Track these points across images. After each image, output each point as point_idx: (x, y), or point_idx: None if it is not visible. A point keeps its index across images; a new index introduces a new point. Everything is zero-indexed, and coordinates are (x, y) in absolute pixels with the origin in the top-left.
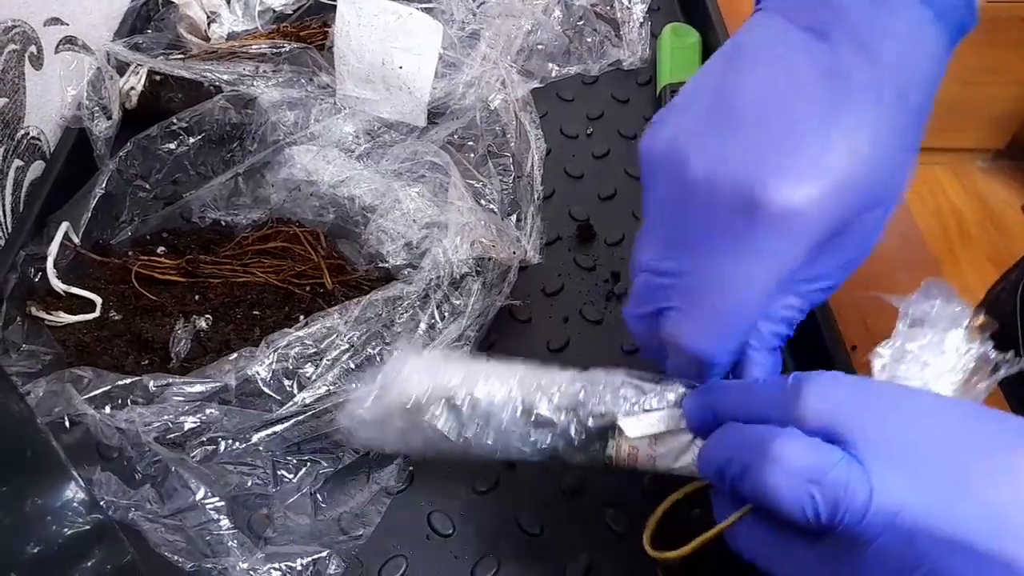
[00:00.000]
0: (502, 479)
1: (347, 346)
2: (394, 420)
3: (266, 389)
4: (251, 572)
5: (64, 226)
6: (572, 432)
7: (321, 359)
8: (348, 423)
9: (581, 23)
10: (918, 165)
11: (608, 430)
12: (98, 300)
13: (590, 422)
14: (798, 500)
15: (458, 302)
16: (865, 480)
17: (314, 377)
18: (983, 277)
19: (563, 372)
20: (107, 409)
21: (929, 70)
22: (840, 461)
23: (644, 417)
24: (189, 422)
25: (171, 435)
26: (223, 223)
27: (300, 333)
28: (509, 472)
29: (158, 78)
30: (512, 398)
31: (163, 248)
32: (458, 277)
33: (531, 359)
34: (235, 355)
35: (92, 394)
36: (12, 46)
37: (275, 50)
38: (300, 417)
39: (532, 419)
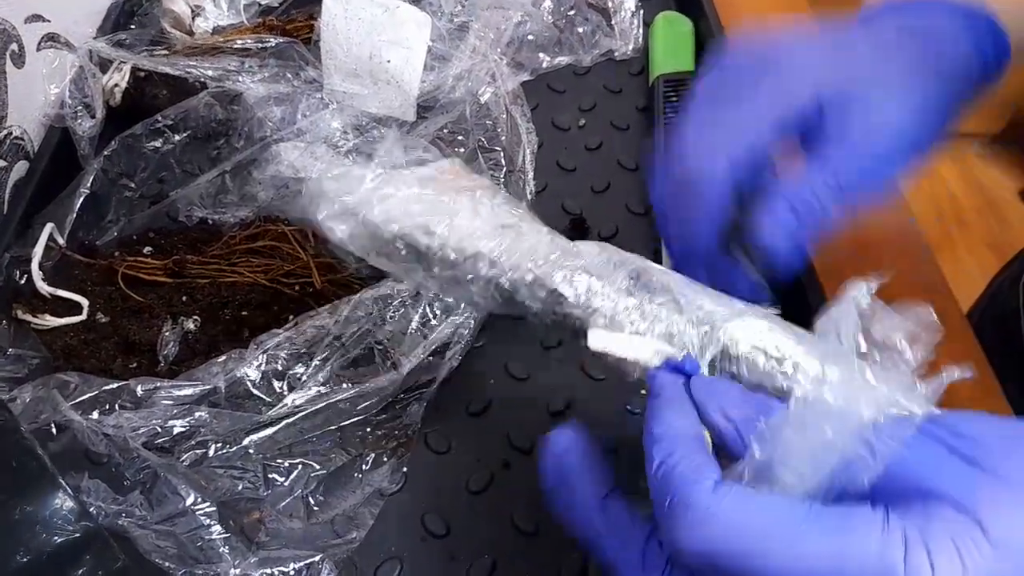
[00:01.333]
0: (496, 478)
1: (337, 346)
2: (368, 232)
3: (256, 391)
4: None
5: (49, 227)
6: (545, 316)
7: (312, 359)
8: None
9: (572, 13)
10: None
11: (581, 328)
12: (84, 302)
13: (565, 318)
14: None
15: (450, 299)
16: None
17: (305, 378)
18: (981, 264)
19: (555, 240)
20: (94, 414)
21: None
22: None
23: (616, 336)
24: (178, 426)
25: (160, 440)
26: (210, 222)
27: (290, 333)
28: (504, 471)
29: (142, 74)
30: (494, 254)
31: (150, 248)
32: None
33: (525, 356)
34: (224, 357)
35: (79, 399)
36: None
37: (261, 44)
38: (291, 419)
39: (503, 291)
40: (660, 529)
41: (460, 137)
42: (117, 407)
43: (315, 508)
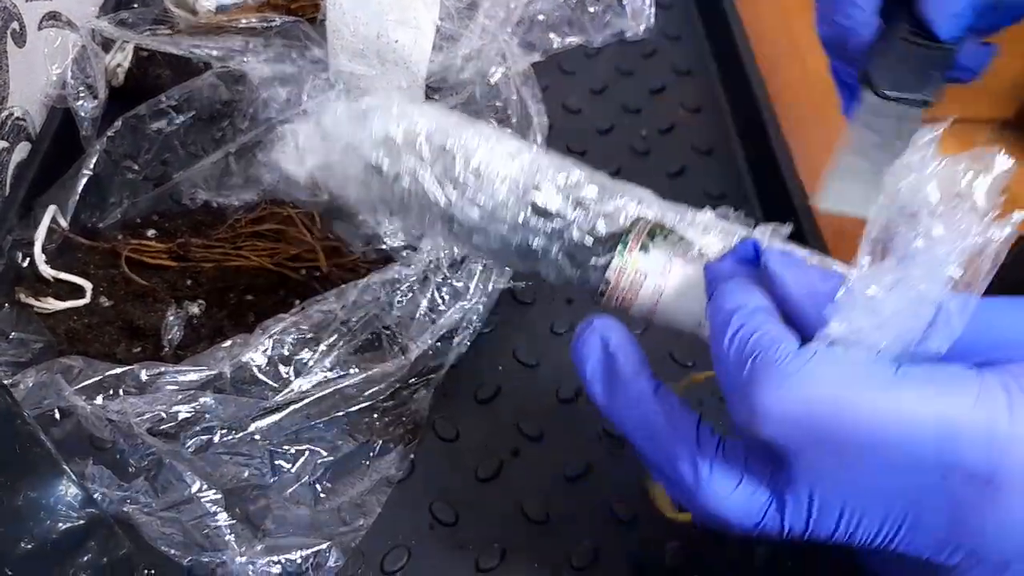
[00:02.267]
0: (505, 466)
1: (344, 331)
2: (363, 155)
3: (262, 376)
4: (250, 565)
5: (51, 209)
6: (574, 232)
7: (318, 345)
8: (307, 138)
9: None
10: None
11: (619, 240)
12: (88, 286)
13: (600, 224)
14: None
15: (459, 284)
16: None
17: (311, 363)
18: None
19: (582, 167)
20: (98, 400)
21: None
22: None
23: (663, 257)
24: (183, 412)
25: (164, 425)
26: (215, 205)
27: (296, 318)
28: (513, 459)
29: (145, 54)
30: (514, 168)
31: (153, 231)
32: (458, 258)
33: (534, 342)
34: (229, 342)
35: (82, 384)
36: None
37: (265, 24)
38: (297, 405)
39: (532, 203)
40: (733, 399)
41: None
42: (121, 392)
43: (322, 495)
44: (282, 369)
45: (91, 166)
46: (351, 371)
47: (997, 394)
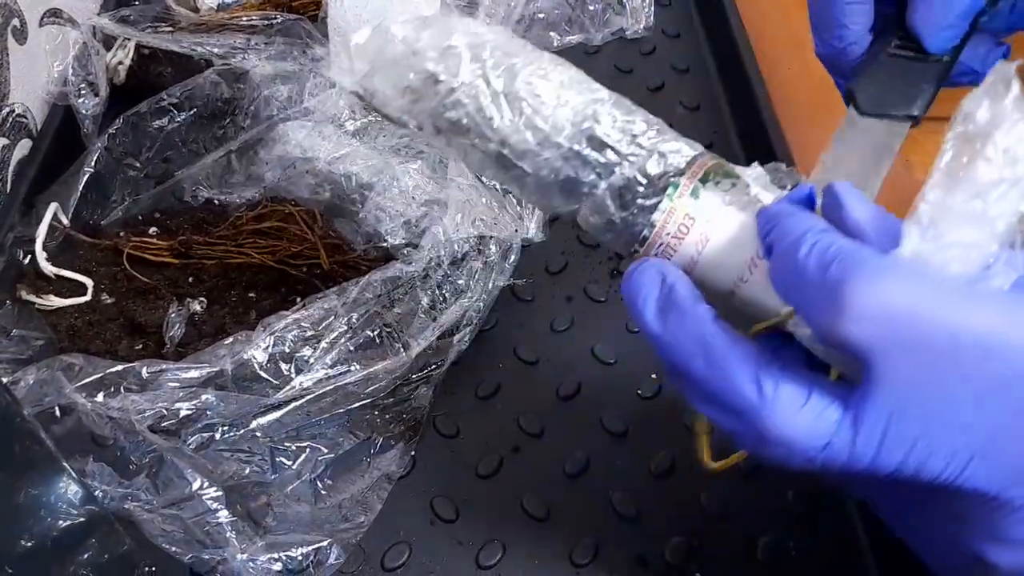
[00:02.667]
0: (506, 463)
1: (345, 328)
2: (422, 62)
3: (263, 373)
4: (251, 562)
5: (53, 207)
6: (626, 168)
7: (319, 342)
8: (366, 42)
9: None
10: (921, 134)
11: (670, 182)
12: (89, 283)
13: (653, 162)
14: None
15: (460, 282)
16: None
17: (312, 360)
18: None
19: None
20: (99, 397)
21: None
22: None
23: (716, 201)
24: (184, 409)
25: (166, 423)
26: (216, 202)
27: (297, 315)
28: (513, 455)
29: (146, 52)
30: (575, 96)
31: (155, 228)
32: (459, 256)
33: (535, 340)
34: (231, 339)
35: (83, 382)
36: None
37: (267, 21)
38: (299, 402)
39: (589, 133)
40: (816, 304)
41: None
42: (122, 389)
43: (323, 492)
44: (283, 366)
45: (92, 163)
46: (352, 368)
47: None
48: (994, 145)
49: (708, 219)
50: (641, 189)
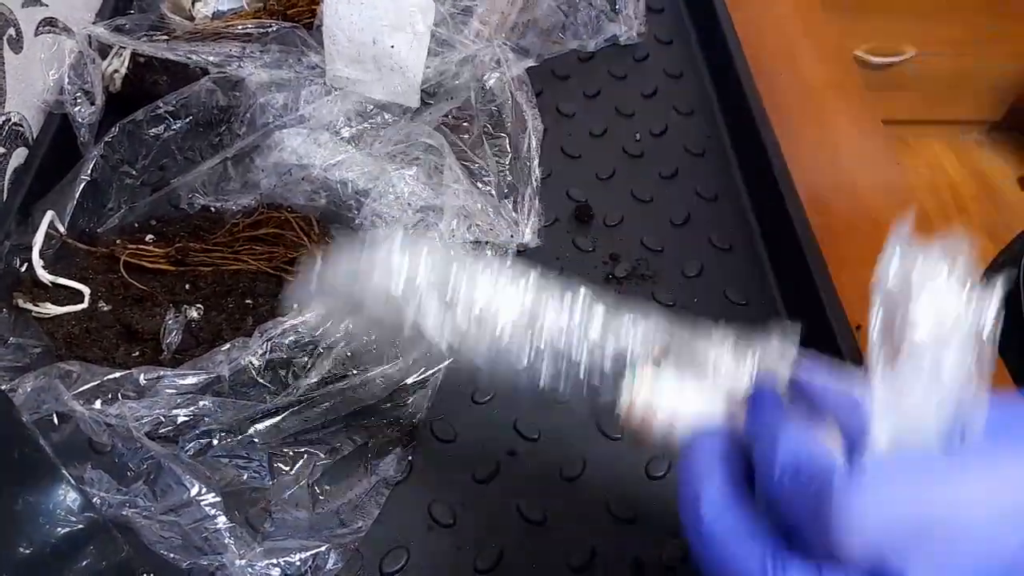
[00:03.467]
0: (503, 467)
1: (342, 333)
2: (369, 302)
3: (260, 379)
4: (249, 568)
5: (49, 215)
6: (580, 371)
7: (316, 347)
8: (314, 289)
9: None
10: (913, 138)
11: (624, 374)
12: (86, 290)
13: (606, 363)
14: None
15: None
16: None
17: (309, 366)
18: (981, 251)
19: (582, 293)
20: (97, 404)
21: None
22: None
23: (674, 382)
24: (182, 415)
25: (163, 429)
26: (212, 209)
27: (294, 322)
28: (510, 459)
29: (142, 60)
30: (515, 313)
31: (151, 236)
32: None
33: None
34: (228, 345)
35: (81, 389)
36: None
37: (262, 30)
38: (296, 407)
39: (534, 344)
40: (811, 535)
41: (465, 123)
42: (120, 396)
43: (321, 497)
44: (280, 372)
45: (89, 171)
46: (349, 374)
47: None
48: (912, 316)
49: (668, 408)
50: (598, 388)
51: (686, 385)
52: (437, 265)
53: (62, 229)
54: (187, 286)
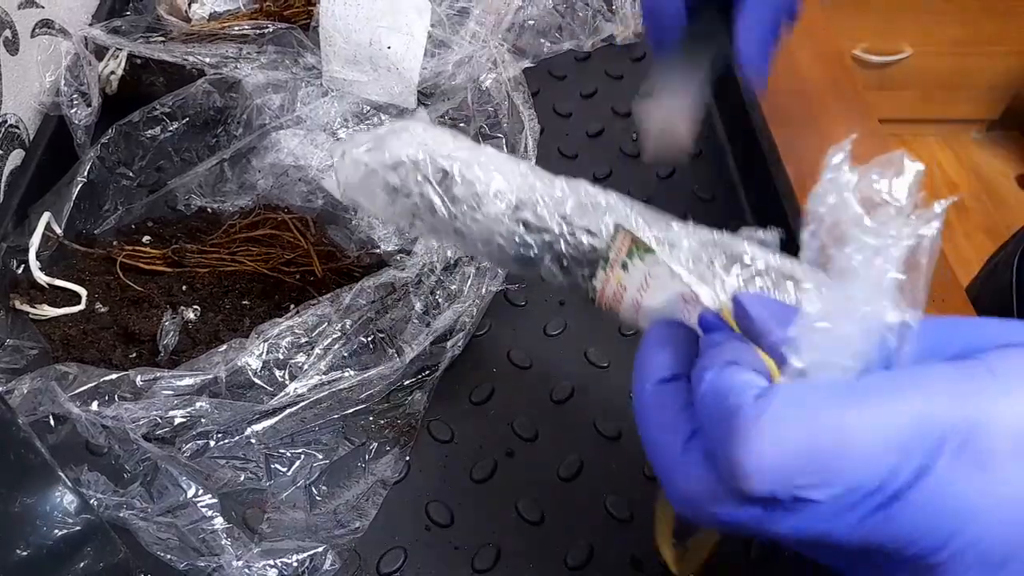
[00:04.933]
0: (500, 467)
1: (339, 334)
2: (382, 177)
3: (257, 380)
4: (246, 569)
5: (46, 216)
6: (562, 245)
7: (313, 348)
8: (339, 165)
9: None
10: (911, 137)
11: (602, 256)
12: (83, 292)
13: (584, 239)
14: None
15: (453, 287)
16: None
17: (306, 367)
18: (979, 250)
19: (574, 182)
20: (94, 406)
21: None
22: None
23: (648, 268)
24: (179, 417)
25: (160, 431)
26: (209, 210)
27: (291, 322)
28: (507, 459)
29: (139, 62)
30: (508, 189)
31: (148, 237)
32: (452, 262)
33: (527, 344)
34: (225, 346)
35: (78, 391)
36: None
37: (258, 31)
38: (293, 408)
39: (523, 219)
40: (719, 462)
41: (462, 124)
42: (117, 398)
43: (318, 498)
44: (277, 373)
45: (85, 173)
46: (346, 374)
47: (982, 376)
48: (848, 234)
49: (637, 288)
50: (578, 263)
51: (649, 280)
52: (444, 141)
53: (59, 231)
54: (184, 287)
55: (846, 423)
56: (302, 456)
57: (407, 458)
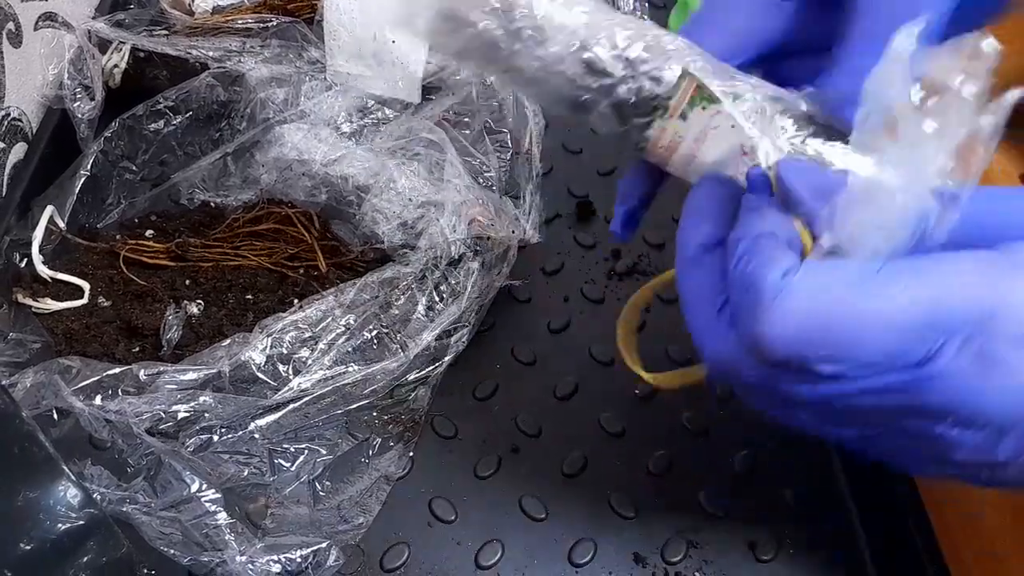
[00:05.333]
0: (504, 463)
1: (343, 329)
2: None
3: (261, 375)
4: (250, 564)
5: (49, 210)
6: (621, 91)
7: (317, 343)
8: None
9: None
10: None
11: (662, 103)
12: (86, 286)
13: (646, 85)
14: None
15: (456, 283)
16: None
17: (310, 362)
18: None
19: (640, 23)
20: (97, 400)
21: None
22: None
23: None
24: (182, 411)
25: (164, 425)
26: (212, 205)
27: (295, 317)
28: (511, 455)
29: (142, 55)
30: (572, 24)
31: (152, 231)
32: (456, 257)
33: (532, 340)
34: (228, 341)
35: (81, 385)
36: None
37: (262, 24)
38: (297, 403)
39: (586, 59)
40: (740, 330)
41: (466, 119)
42: (120, 392)
43: (321, 494)
44: (281, 368)
45: (88, 167)
46: (350, 369)
47: (1004, 269)
48: (906, 117)
49: (694, 139)
50: (637, 109)
51: (708, 132)
52: None
53: (62, 224)
54: (187, 281)
55: (859, 310)
56: (306, 451)
57: (411, 454)
